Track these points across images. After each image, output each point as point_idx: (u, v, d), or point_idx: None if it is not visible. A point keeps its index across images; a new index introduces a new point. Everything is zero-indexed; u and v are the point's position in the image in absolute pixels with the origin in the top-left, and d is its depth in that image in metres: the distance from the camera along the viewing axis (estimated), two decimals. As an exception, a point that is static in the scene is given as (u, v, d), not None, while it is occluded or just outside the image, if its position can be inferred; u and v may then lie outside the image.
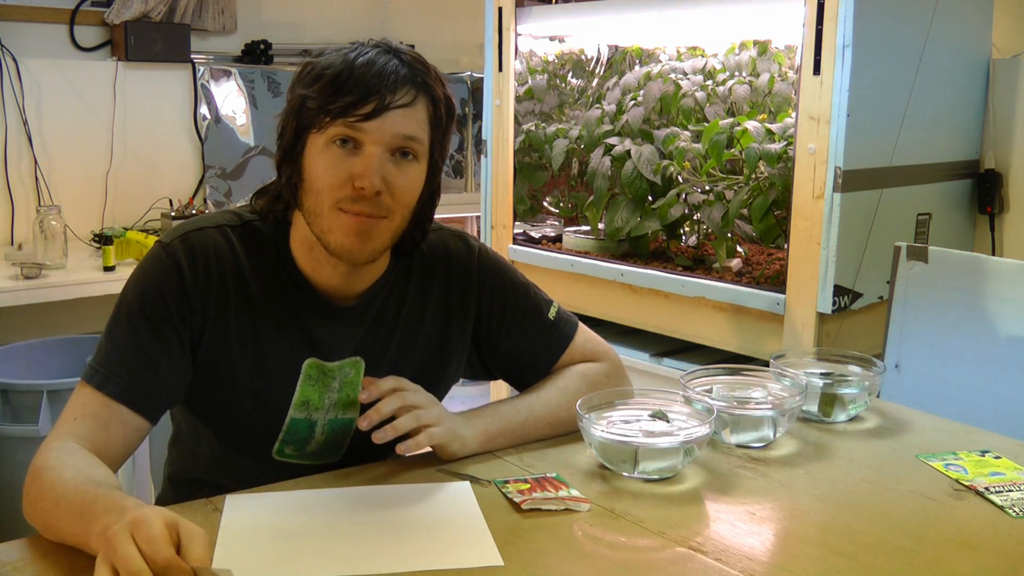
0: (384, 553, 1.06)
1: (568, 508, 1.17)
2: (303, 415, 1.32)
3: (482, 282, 1.42)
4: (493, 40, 2.79)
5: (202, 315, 1.25)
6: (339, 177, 1.20)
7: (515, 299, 1.45)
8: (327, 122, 1.20)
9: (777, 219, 2.28)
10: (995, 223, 2.45)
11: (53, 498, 1.07)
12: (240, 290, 1.27)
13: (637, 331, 2.55)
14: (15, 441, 2.36)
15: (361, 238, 1.22)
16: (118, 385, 1.19)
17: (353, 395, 1.34)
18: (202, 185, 3.56)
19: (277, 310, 1.29)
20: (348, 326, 1.33)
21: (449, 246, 1.42)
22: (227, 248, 1.27)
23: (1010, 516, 1.17)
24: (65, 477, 1.08)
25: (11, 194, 3.14)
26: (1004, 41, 2.52)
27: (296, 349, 1.30)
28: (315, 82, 1.21)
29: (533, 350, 1.45)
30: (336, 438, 1.35)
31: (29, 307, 2.62)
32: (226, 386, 1.29)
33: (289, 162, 1.25)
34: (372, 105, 1.18)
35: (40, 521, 1.09)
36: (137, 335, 1.22)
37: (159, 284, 1.23)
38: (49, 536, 1.08)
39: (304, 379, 1.31)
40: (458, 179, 4.23)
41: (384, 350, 1.36)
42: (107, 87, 3.31)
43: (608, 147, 2.62)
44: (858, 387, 1.50)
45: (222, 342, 1.27)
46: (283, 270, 1.30)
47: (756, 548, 1.09)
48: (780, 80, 2.42)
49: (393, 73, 1.20)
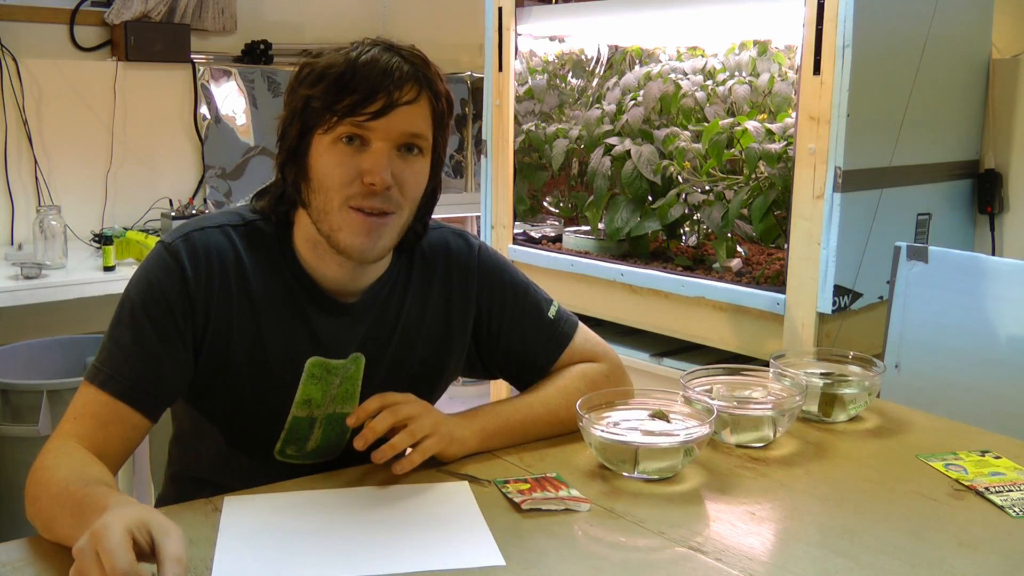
0: (384, 553, 1.06)
1: (568, 508, 1.17)
2: (305, 413, 1.32)
3: (482, 280, 1.43)
4: (493, 40, 2.79)
5: (205, 314, 1.25)
6: (348, 174, 1.21)
7: (515, 297, 1.45)
8: (334, 121, 1.20)
9: (777, 219, 2.28)
10: (995, 223, 2.45)
11: (47, 498, 1.08)
12: (243, 289, 1.27)
13: (637, 331, 2.55)
14: (15, 441, 2.36)
15: (371, 237, 1.23)
16: (120, 383, 1.20)
17: (352, 389, 1.34)
18: (202, 185, 3.56)
19: (280, 308, 1.29)
20: (351, 323, 1.33)
21: (449, 244, 1.42)
22: (229, 247, 1.28)
23: (1010, 516, 1.17)
24: (58, 477, 1.09)
25: (11, 194, 3.14)
26: (1004, 41, 2.52)
27: (299, 347, 1.30)
28: (319, 82, 1.21)
29: (533, 348, 1.45)
30: (335, 433, 1.36)
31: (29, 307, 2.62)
32: (229, 385, 1.29)
33: (293, 163, 1.26)
34: (380, 103, 1.19)
35: (39, 521, 1.10)
36: (140, 334, 1.22)
37: (162, 284, 1.23)
38: (48, 536, 1.08)
39: (307, 377, 1.31)
40: (458, 179, 4.23)
41: (385, 347, 1.36)
42: (107, 87, 3.31)
43: (608, 147, 2.62)
44: (858, 387, 1.50)
45: (225, 341, 1.27)
46: (287, 268, 1.30)
47: (756, 548, 1.09)
48: (780, 80, 2.42)
49: (397, 70, 1.21)
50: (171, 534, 0.92)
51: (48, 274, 2.69)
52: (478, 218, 3.41)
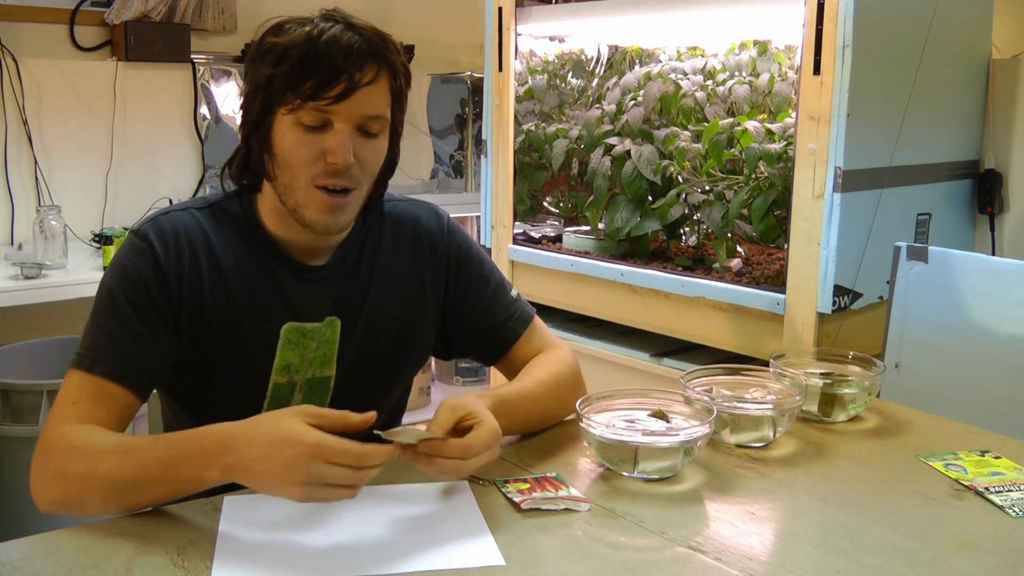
0: (384, 553, 1.06)
1: (568, 508, 1.17)
2: (285, 379, 1.35)
3: (450, 248, 1.48)
4: (493, 40, 2.79)
5: (179, 291, 1.29)
6: (312, 154, 1.25)
7: (481, 270, 1.50)
8: (297, 103, 1.24)
9: (777, 219, 2.28)
10: (995, 223, 2.45)
11: (114, 464, 1.12)
12: (212, 263, 1.32)
13: (637, 331, 2.55)
14: (15, 441, 2.37)
15: (335, 213, 1.29)
16: (107, 364, 1.23)
17: (329, 353, 1.38)
18: (202, 185, 3.56)
19: (251, 278, 1.33)
20: (323, 286, 1.37)
21: (419, 214, 1.49)
22: (196, 226, 1.33)
23: (1010, 516, 1.17)
24: (107, 445, 1.14)
25: (11, 194, 3.14)
26: (1004, 41, 2.52)
27: (273, 314, 1.34)
28: (281, 61, 1.24)
29: (499, 320, 1.49)
30: (316, 398, 1.38)
31: (29, 307, 2.62)
32: (209, 361, 1.32)
33: (257, 136, 1.29)
34: (341, 86, 1.23)
35: (93, 495, 1.13)
36: (120, 316, 1.26)
37: (136, 266, 1.28)
38: (98, 510, 1.13)
39: (284, 343, 1.34)
40: (458, 179, 4.23)
41: (359, 309, 1.39)
42: (107, 87, 3.31)
43: (608, 147, 2.62)
44: (858, 387, 1.50)
45: (200, 316, 1.30)
46: (253, 238, 1.35)
47: (756, 548, 1.09)
48: (780, 80, 2.42)
49: (358, 50, 1.24)
50: (345, 415, 1.11)
51: (48, 274, 2.69)
52: (478, 218, 3.41)
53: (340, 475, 1.06)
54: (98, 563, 1.02)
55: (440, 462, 1.15)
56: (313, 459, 1.04)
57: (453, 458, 1.15)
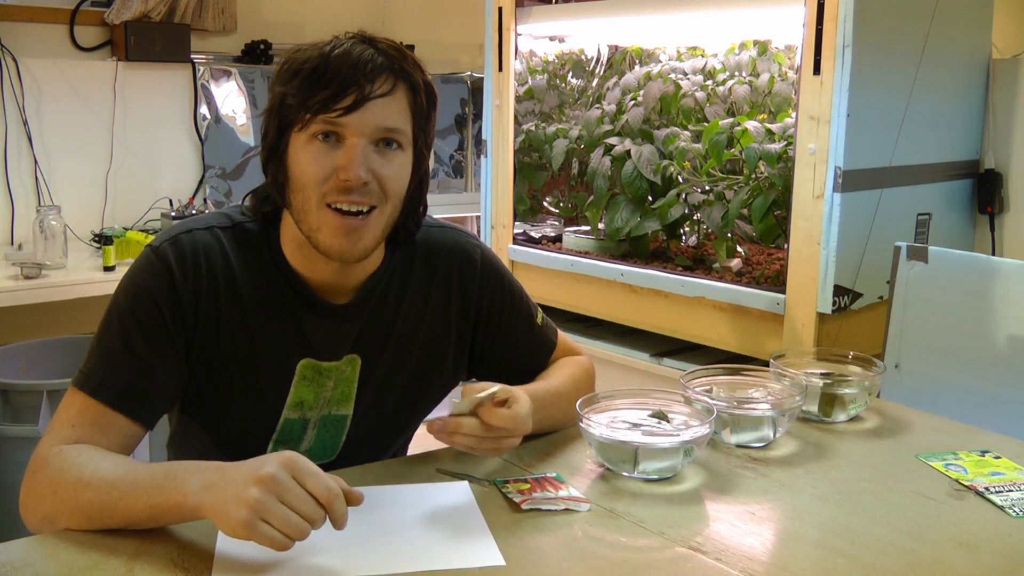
0: (384, 553, 1.06)
1: (568, 508, 1.17)
2: (297, 415, 1.32)
3: (483, 283, 1.42)
4: (493, 40, 2.79)
5: (194, 318, 1.23)
6: (323, 171, 1.19)
7: (512, 303, 1.45)
8: (308, 118, 1.19)
9: (777, 219, 2.29)
10: (995, 223, 2.45)
11: (102, 486, 1.07)
12: (231, 291, 1.26)
13: (637, 331, 2.55)
14: (15, 441, 2.36)
15: (351, 237, 1.21)
16: (111, 392, 1.18)
17: (348, 391, 1.33)
18: (202, 185, 3.56)
19: (270, 310, 1.28)
20: (344, 324, 1.31)
21: (453, 244, 1.41)
22: (218, 249, 1.26)
23: (1010, 516, 1.17)
24: (105, 466, 1.10)
25: (11, 194, 3.14)
26: (1004, 41, 2.52)
27: (290, 349, 1.29)
28: (293, 78, 1.20)
29: (526, 352, 1.47)
30: (329, 435, 1.35)
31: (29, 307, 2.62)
32: (219, 388, 1.27)
33: (274, 161, 1.24)
34: (351, 98, 1.17)
35: (79, 515, 1.08)
36: (129, 340, 1.20)
37: (150, 288, 1.21)
38: (90, 525, 1.08)
39: (299, 380, 1.30)
40: (458, 179, 4.23)
41: (382, 348, 1.35)
42: (107, 87, 3.31)
43: (608, 147, 2.62)
44: (858, 387, 1.50)
45: (215, 344, 1.25)
46: (275, 269, 1.28)
47: (756, 548, 1.09)
48: (780, 80, 2.42)
49: (370, 62, 1.19)
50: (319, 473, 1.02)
51: (48, 274, 2.69)
52: (478, 218, 3.41)
53: (301, 499, 0.99)
54: (98, 563, 1.02)
55: (487, 442, 1.20)
56: (280, 467, 0.99)
57: (503, 430, 1.20)
